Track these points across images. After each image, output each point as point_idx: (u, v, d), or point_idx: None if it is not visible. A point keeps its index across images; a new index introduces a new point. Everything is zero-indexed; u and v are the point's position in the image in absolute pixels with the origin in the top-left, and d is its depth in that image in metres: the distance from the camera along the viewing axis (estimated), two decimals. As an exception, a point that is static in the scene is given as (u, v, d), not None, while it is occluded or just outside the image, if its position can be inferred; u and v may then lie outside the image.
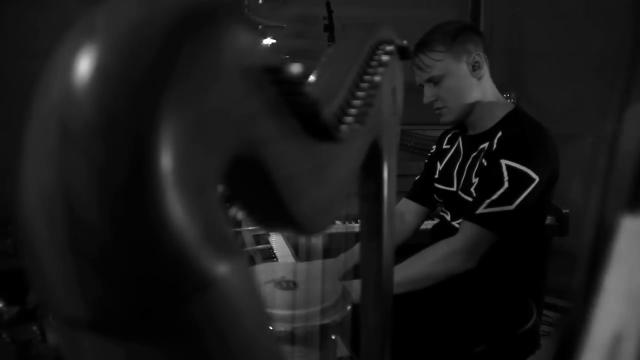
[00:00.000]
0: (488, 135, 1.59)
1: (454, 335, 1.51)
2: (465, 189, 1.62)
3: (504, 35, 3.27)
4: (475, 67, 1.60)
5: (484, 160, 1.55)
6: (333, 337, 0.93)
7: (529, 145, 1.49)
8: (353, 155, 0.49)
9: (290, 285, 0.94)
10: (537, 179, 1.45)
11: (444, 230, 1.72)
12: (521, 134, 1.51)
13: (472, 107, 1.61)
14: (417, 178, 1.90)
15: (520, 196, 1.44)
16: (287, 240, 1.62)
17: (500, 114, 1.61)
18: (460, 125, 1.76)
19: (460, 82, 1.60)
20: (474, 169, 1.60)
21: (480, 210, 1.45)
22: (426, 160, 1.90)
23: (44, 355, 0.86)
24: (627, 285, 0.23)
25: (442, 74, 1.60)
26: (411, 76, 3.44)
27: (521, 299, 1.67)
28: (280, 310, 0.86)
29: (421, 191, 1.86)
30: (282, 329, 0.85)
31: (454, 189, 1.68)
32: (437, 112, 1.67)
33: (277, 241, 1.62)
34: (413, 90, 2.81)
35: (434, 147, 1.88)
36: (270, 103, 0.32)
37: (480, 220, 1.44)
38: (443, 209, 1.76)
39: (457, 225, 1.66)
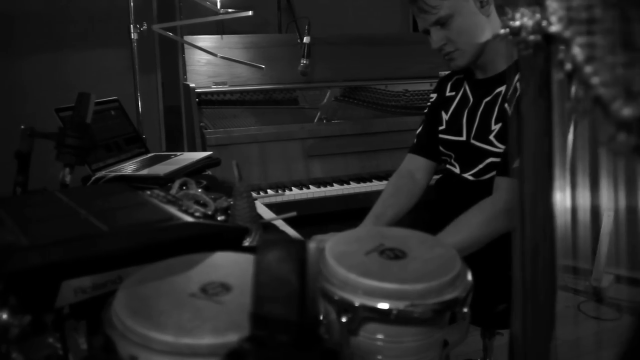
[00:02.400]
0: (503, 77, 1.48)
1: (475, 294, 1.40)
2: (480, 136, 1.51)
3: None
4: (483, 3, 1.49)
5: (507, 106, 1.43)
6: (465, 311, 0.77)
7: None
8: None
9: (397, 253, 0.76)
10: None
11: (453, 185, 1.61)
12: None
13: (483, 48, 1.49)
14: (418, 130, 1.79)
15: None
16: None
17: (515, 53, 1.49)
18: (463, 70, 1.63)
19: (471, 21, 1.49)
20: (490, 114, 1.49)
21: (517, 163, 1.33)
22: (425, 111, 1.77)
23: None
24: None
25: (450, 13, 1.48)
26: (365, 28, 3.32)
27: None
28: (390, 284, 0.69)
29: (427, 144, 1.74)
30: (393, 308, 0.68)
31: (464, 138, 1.58)
32: (446, 57, 1.54)
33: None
34: (372, 44, 2.70)
35: (433, 95, 1.75)
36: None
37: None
38: (451, 161, 1.64)
39: (470, 178, 1.54)
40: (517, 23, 0.57)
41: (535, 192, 0.55)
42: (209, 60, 2.46)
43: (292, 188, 2.28)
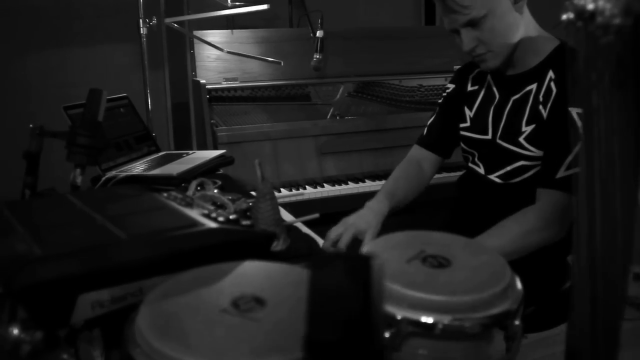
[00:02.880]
0: (534, 74, 1.41)
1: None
2: (508, 137, 1.43)
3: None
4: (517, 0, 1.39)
5: (541, 108, 1.36)
6: (517, 323, 0.71)
7: None
8: None
9: (441, 261, 0.70)
10: None
11: (478, 186, 1.53)
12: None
13: (516, 46, 1.41)
14: (430, 121, 1.69)
15: None
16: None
17: (546, 49, 1.42)
18: None
19: (504, 20, 1.39)
20: (520, 115, 1.42)
21: (561, 173, 1.31)
22: (440, 101, 1.68)
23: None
24: None
25: (483, 13, 1.36)
26: (376, 22, 3.25)
27: (561, 257, 1.53)
28: (437, 296, 0.62)
29: (438, 139, 1.66)
30: (438, 322, 0.62)
31: (489, 136, 1.49)
32: (477, 58, 1.45)
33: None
34: (385, 38, 2.63)
35: (451, 86, 1.66)
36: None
37: (563, 185, 1.30)
38: (474, 159, 1.56)
39: (497, 181, 1.47)
40: (591, 6, 0.50)
41: (614, 193, 0.49)
42: (219, 56, 2.39)
43: (307, 187, 2.21)
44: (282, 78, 2.46)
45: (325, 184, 2.23)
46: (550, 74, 1.38)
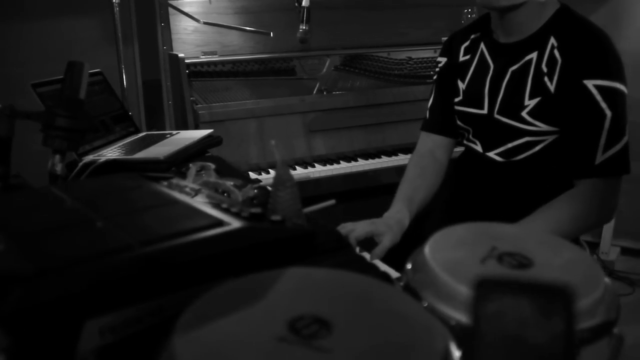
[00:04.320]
0: (533, 42, 1.30)
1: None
2: (508, 111, 1.32)
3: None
4: None
5: (546, 79, 1.25)
6: (615, 332, 0.60)
7: (607, 51, 1.24)
8: None
9: (521, 260, 0.59)
10: (625, 91, 1.23)
11: (477, 165, 1.42)
12: (591, 39, 1.23)
13: (517, 7, 1.28)
14: (430, 104, 1.57)
15: (626, 123, 1.24)
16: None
17: (546, 14, 1.30)
18: (479, 28, 1.43)
19: None
20: (522, 87, 1.31)
21: (599, 159, 1.22)
22: (434, 78, 1.56)
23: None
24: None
25: None
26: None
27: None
28: None
29: (442, 119, 1.54)
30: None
31: (485, 111, 1.38)
32: None
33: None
34: (372, 8, 2.48)
35: (442, 59, 1.54)
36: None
37: (604, 171, 1.22)
38: (469, 136, 1.45)
39: (497, 159, 1.36)
40: None
41: None
42: (197, 28, 2.21)
43: (296, 167, 2.07)
44: (265, 51, 2.30)
45: (316, 164, 2.09)
46: (552, 40, 1.27)
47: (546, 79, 1.26)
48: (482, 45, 1.43)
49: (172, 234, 0.59)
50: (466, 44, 1.47)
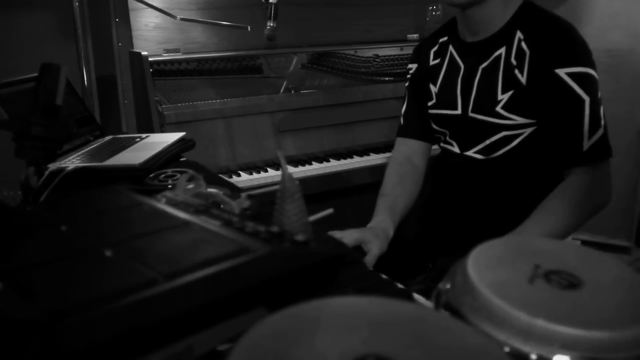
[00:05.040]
0: (500, 37, 1.31)
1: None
2: (483, 108, 1.33)
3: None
4: None
5: (517, 72, 1.25)
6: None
7: (574, 39, 1.26)
8: None
9: (570, 279, 0.55)
10: (596, 76, 1.24)
11: (455, 166, 1.41)
12: (556, 29, 1.24)
13: (481, 8, 1.29)
14: (403, 109, 1.58)
15: (601, 105, 1.24)
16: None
17: (510, 9, 1.31)
18: (447, 32, 1.44)
19: None
20: (494, 82, 1.32)
21: (586, 145, 1.22)
22: (407, 84, 1.56)
23: None
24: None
25: None
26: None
27: None
28: (564, 327, 0.51)
29: (416, 124, 1.54)
30: None
31: (459, 111, 1.38)
32: None
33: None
34: (337, 4, 2.43)
35: (412, 66, 1.56)
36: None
37: (592, 156, 1.22)
38: (446, 139, 1.44)
39: (476, 157, 1.36)
40: None
41: None
42: (158, 24, 2.10)
43: (267, 169, 2.00)
44: (230, 49, 2.22)
45: (288, 166, 2.02)
46: (519, 34, 1.28)
47: (516, 71, 1.27)
48: (450, 48, 1.44)
49: (198, 265, 0.52)
50: (435, 48, 1.50)
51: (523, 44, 1.26)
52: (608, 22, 2.53)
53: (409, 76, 1.57)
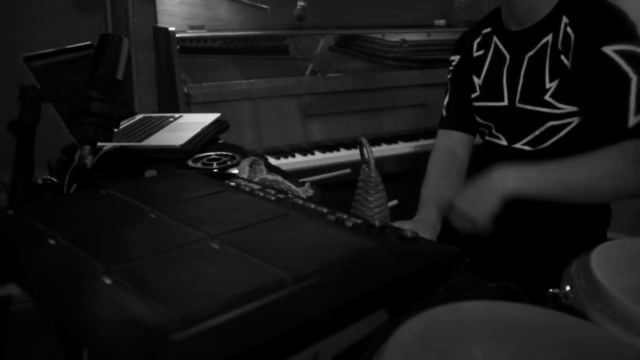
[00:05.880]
0: (547, 25, 1.26)
1: (533, 281, 1.19)
2: (531, 98, 1.28)
3: None
4: None
5: (563, 58, 1.20)
6: None
7: (621, 17, 1.18)
8: None
9: None
10: None
11: (500, 158, 1.35)
12: (602, 9, 1.19)
13: None
14: (445, 101, 1.53)
15: None
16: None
17: None
18: (490, 22, 1.39)
19: None
20: (542, 70, 1.26)
21: (632, 122, 1.12)
22: (449, 77, 1.51)
23: None
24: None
25: None
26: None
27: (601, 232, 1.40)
28: None
29: (460, 116, 1.49)
30: None
31: (505, 102, 1.34)
32: None
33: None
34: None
35: (455, 58, 1.51)
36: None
37: (638, 132, 1.12)
38: (493, 132, 1.39)
39: (525, 148, 1.31)
40: None
41: None
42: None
43: (295, 155, 1.94)
44: (256, 27, 2.14)
45: (316, 152, 1.97)
46: (565, 19, 1.22)
47: (562, 57, 1.22)
48: (495, 39, 1.39)
49: (327, 266, 0.47)
50: (478, 39, 1.44)
51: (569, 29, 1.21)
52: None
53: (451, 68, 1.52)
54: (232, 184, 0.75)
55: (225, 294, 0.42)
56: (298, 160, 1.90)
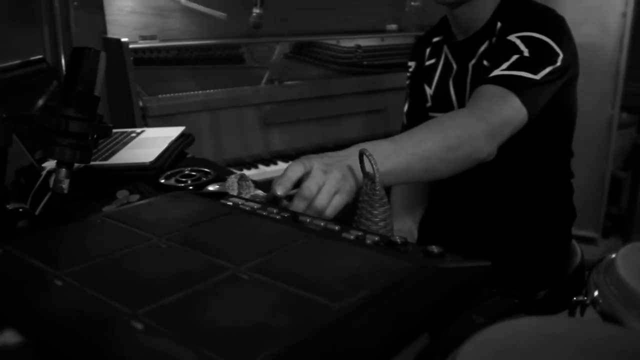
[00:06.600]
0: (484, 33, 1.25)
1: (511, 280, 1.16)
2: None
3: None
4: None
5: (485, 63, 1.21)
6: None
7: (546, 15, 1.16)
8: None
9: None
10: (561, 54, 1.10)
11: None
12: (529, 8, 1.19)
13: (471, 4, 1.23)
14: (406, 109, 1.51)
15: (546, 68, 1.08)
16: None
17: (494, 3, 1.24)
18: (441, 31, 1.38)
19: None
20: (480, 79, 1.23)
21: (497, 72, 1.07)
22: (407, 82, 1.49)
23: None
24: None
25: None
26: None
27: (565, 237, 1.41)
28: None
29: (420, 123, 1.45)
30: None
31: None
32: None
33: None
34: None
35: (412, 64, 1.48)
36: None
37: (500, 80, 1.06)
38: None
39: None
40: None
41: None
42: (134, 8, 1.94)
43: (258, 165, 1.89)
44: (210, 36, 2.08)
45: (279, 162, 1.93)
46: (499, 25, 1.22)
47: (485, 62, 1.21)
48: (445, 48, 1.37)
49: (371, 291, 0.44)
50: (430, 48, 1.41)
51: (497, 32, 1.22)
52: (580, 17, 2.56)
53: (408, 74, 1.50)
54: (230, 203, 0.71)
55: (274, 331, 0.38)
56: (261, 171, 1.86)
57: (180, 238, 0.54)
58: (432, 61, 1.39)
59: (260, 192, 0.85)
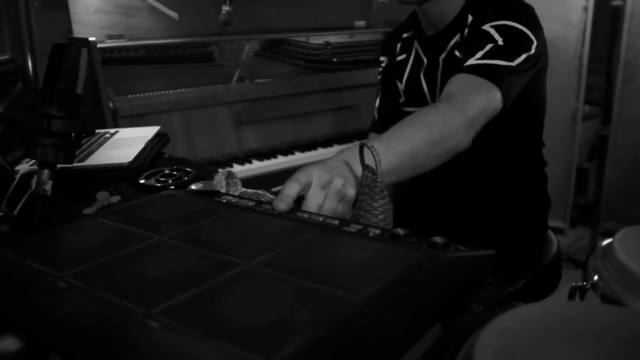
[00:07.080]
0: (454, 26, 1.26)
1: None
2: None
3: None
4: None
5: (457, 53, 1.22)
6: None
7: (516, 4, 1.17)
8: None
9: None
10: (535, 41, 1.12)
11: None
12: (501, 2, 1.18)
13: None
14: (377, 104, 1.50)
15: (521, 55, 1.09)
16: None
17: None
18: (411, 26, 1.39)
19: None
20: (453, 71, 1.24)
21: (472, 61, 1.08)
22: (379, 78, 1.49)
23: None
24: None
25: None
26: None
27: (542, 227, 1.43)
28: None
29: (391, 119, 1.45)
30: None
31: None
32: None
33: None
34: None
35: (383, 59, 1.48)
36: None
37: (475, 69, 1.06)
38: None
39: None
40: None
41: None
42: (99, 7, 1.90)
43: (233, 164, 1.87)
44: (178, 35, 2.05)
45: (253, 160, 1.91)
46: (470, 18, 1.23)
47: (457, 52, 1.23)
48: (415, 43, 1.38)
49: (387, 283, 0.43)
50: (400, 43, 1.42)
51: (469, 26, 1.23)
52: (543, 11, 2.61)
53: (380, 69, 1.50)
54: (223, 201, 0.70)
55: (297, 326, 0.37)
56: (236, 171, 1.83)
57: (181, 236, 0.52)
58: (403, 56, 1.39)
59: (249, 190, 0.83)
